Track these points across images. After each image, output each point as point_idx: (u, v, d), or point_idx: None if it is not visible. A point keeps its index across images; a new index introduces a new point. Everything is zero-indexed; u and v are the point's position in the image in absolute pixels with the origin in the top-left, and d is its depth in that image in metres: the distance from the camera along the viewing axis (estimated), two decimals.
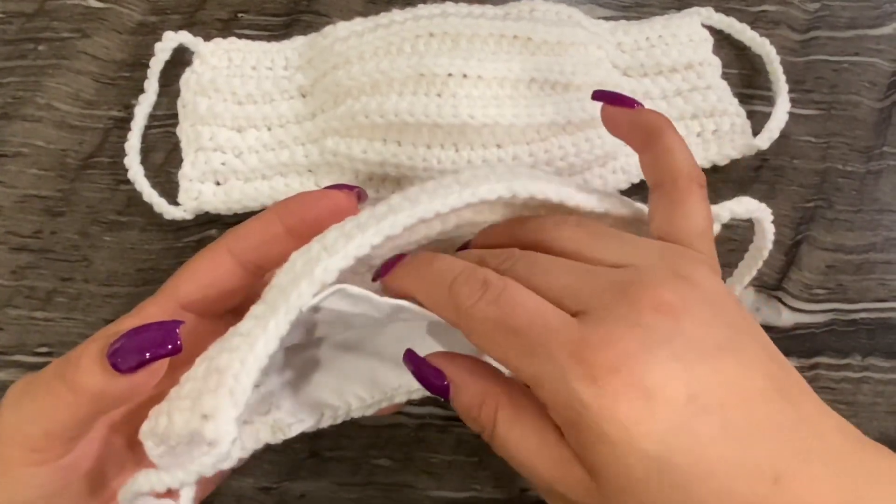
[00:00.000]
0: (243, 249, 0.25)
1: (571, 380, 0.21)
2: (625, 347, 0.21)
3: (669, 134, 0.26)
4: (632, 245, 0.24)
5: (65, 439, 0.22)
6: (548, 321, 0.22)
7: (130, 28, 0.41)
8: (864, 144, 0.39)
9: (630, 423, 0.20)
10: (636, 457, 0.20)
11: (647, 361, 0.21)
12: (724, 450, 0.20)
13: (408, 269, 0.25)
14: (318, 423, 0.29)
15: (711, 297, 0.22)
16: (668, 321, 0.21)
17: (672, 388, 0.20)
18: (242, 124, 0.37)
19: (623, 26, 0.40)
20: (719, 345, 0.21)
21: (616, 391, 0.20)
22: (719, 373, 0.21)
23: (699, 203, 0.26)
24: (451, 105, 0.33)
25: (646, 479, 0.20)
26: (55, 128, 0.39)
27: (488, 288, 0.23)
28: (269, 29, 0.41)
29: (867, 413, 0.35)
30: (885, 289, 0.37)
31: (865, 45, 0.41)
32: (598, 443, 0.21)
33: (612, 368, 0.20)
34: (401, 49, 0.35)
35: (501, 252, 0.25)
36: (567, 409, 0.21)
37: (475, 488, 0.33)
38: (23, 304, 0.36)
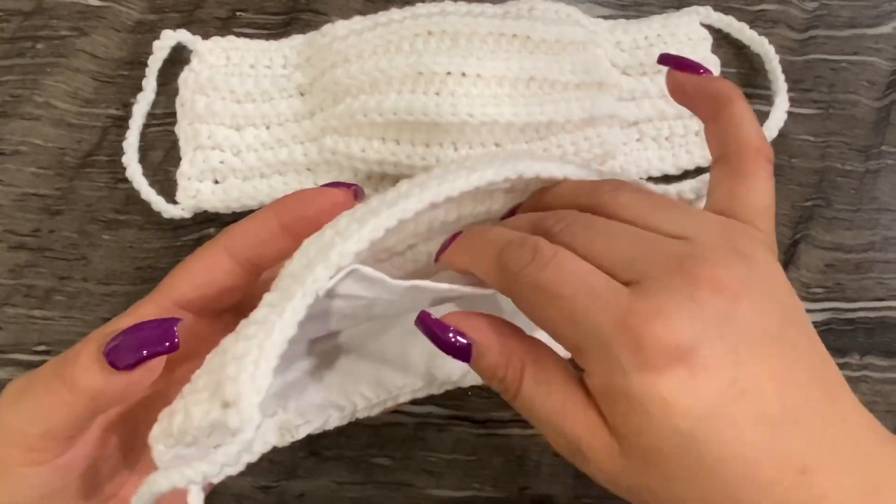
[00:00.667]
0: (240, 248, 0.25)
1: (615, 348, 0.20)
2: (675, 322, 0.20)
3: (739, 103, 0.25)
4: (691, 217, 0.23)
5: (63, 438, 0.22)
6: (594, 288, 0.21)
7: (129, 26, 0.41)
8: (862, 143, 0.39)
9: (670, 398, 0.20)
10: (670, 432, 0.20)
11: (697, 339, 0.20)
12: (756, 436, 0.20)
13: (464, 243, 0.25)
14: (325, 424, 0.29)
15: (768, 282, 0.22)
16: (723, 302, 0.21)
17: (717, 369, 0.20)
18: (241, 123, 0.37)
19: (622, 25, 0.39)
20: (769, 333, 0.21)
21: (661, 365, 0.20)
22: (764, 361, 0.21)
23: (766, 179, 0.25)
24: (450, 103, 0.33)
25: (675, 455, 0.20)
26: (53, 126, 0.39)
27: (538, 253, 0.22)
28: (268, 27, 0.41)
29: None
30: (883, 288, 0.37)
31: (864, 44, 0.41)
32: (633, 413, 0.20)
33: (659, 341, 0.20)
34: (400, 47, 0.35)
35: (558, 212, 0.24)
36: (607, 378, 0.21)
37: (474, 487, 0.33)
38: (21, 302, 0.36)
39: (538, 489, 0.33)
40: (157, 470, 0.21)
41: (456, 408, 0.34)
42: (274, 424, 0.27)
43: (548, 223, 0.24)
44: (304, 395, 0.29)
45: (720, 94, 0.26)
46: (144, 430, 0.22)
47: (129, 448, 0.26)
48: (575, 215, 0.24)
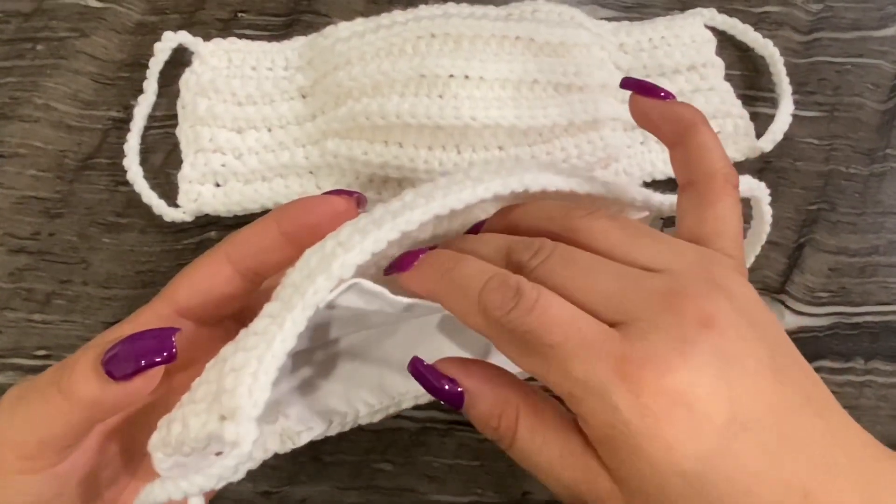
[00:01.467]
0: (242, 256, 0.25)
1: (613, 396, 0.20)
2: (670, 364, 0.20)
3: (704, 129, 0.25)
4: (666, 246, 0.23)
5: (59, 447, 0.22)
6: (586, 335, 0.21)
7: (129, 28, 0.41)
8: (867, 147, 0.39)
9: (673, 443, 0.20)
10: (675, 475, 0.20)
11: (693, 381, 0.20)
12: (760, 467, 0.20)
13: (431, 270, 0.24)
14: (327, 430, 0.29)
15: (748, 310, 0.22)
16: (713, 336, 0.21)
17: (716, 407, 0.20)
18: (242, 125, 0.37)
19: (625, 27, 0.39)
20: (759, 361, 0.21)
21: (661, 410, 0.20)
22: (759, 392, 0.21)
23: (733, 205, 0.24)
24: (453, 106, 0.33)
25: (680, 496, 0.20)
26: (53, 128, 0.39)
27: (521, 297, 0.21)
28: (270, 29, 0.41)
29: (870, 417, 0.34)
30: (888, 292, 0.37)
31: (869, 46, 0.41)
32: (635, 459, 0.20)
33: (657, 386, 0.20)
34: (402, 50, 0.34)
35: (532, 241, 0.23)
36: (605, 426, 0.21)
37: (476, 492, 0.33)
38: (21, 306, 0.35)
39: (540, 495, 0.33)
40: (155, 480, 0.21)
41: (458, 413, 0.34)
42: (274, 431, 0.27)
43: (522, 256, 0.23)
44: (306, 402, 0.28)
45: (684, 120, 0.25)
46: (145, 437, 0.22)
47: (129, 454, 0.26)
48: (550, 248, 0.23)
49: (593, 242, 0.23)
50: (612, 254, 0.23)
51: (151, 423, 0.22)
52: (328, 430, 0.29)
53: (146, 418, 0.24)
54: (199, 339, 0.25)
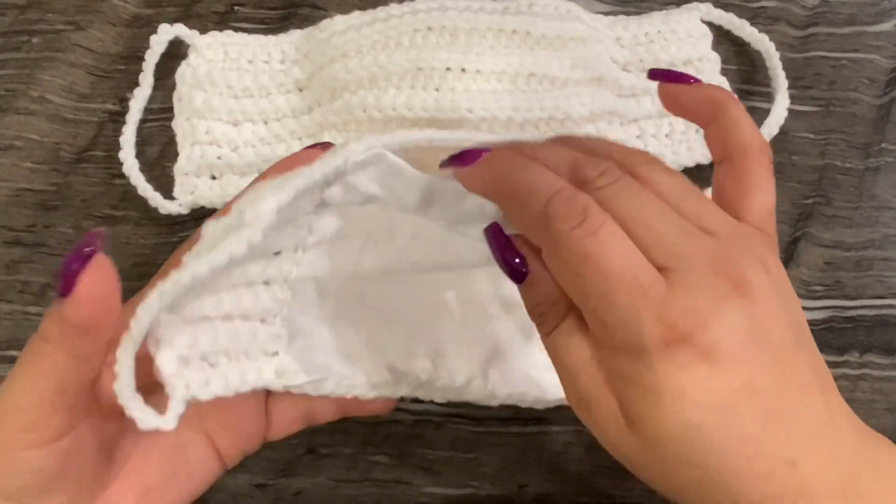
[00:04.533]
0: None
1: (645, 335, 0.21)
2: (706, 321, 0.21)
3: (735, 106, 0.26)
4: (716, 214, 0.24)
5: (57, 407, 0.22)
6: (637, 275, 0.21)
7: (125, 20, 0.41)
8: (862, 141, 0.39)
9: (686, 390, 0.21)
10: (678, 418, 0.21)
11: (721, 340, 0.21)
12: (757, 431, 0.21)
13: (497, 168, 0.24)
14: (320, 388, 0.28)
15: (781, 289, 0.23)
16: (749, 306, 0.21)
17: (735, 369, 0.21)
18: (239, 118, 0.36)
19: (622, 21, 0.39)
20: (785, 340, 0.22)
21: (685, 359, 0.21)
22: (777, 365, 0.22)
23: (769, 178, 0.25)
24: (450, 99, 0.33)
25: (678, 442, 0.21)
26: (49, 121, 0.38)
27: (588, 217, 0.22)
28: (266, 22, 0.41)
29: (865, 410, 0.35)
30: (883, 286, 0.37)
31: (864, 41, 0.41)
32: (647, 395, 0.21)
33: (687, 337, 0.21)
34: (399, 43, 0.34)
35: (601, 162, 0.23)
36: (629, 360, 0.22)
37: (473, 485, 0.33)
38: (16, 298, 0.35)
39: (537, 487, 0.33)
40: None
41: (454, 405, 0.34)
42: (272, 364, 0.27)
43: (589, 173, 0.23)
44: (308, 349, 0.28)
45: (716, 99, 0.26)
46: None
47: (132, 436, 0.26)
48: (619, 174, 0.23)
49: (657, 191, 0.23)
50: (671, 205, 0.23)
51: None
52: (321, 389, 0.28)
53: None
54: None
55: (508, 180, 0.24)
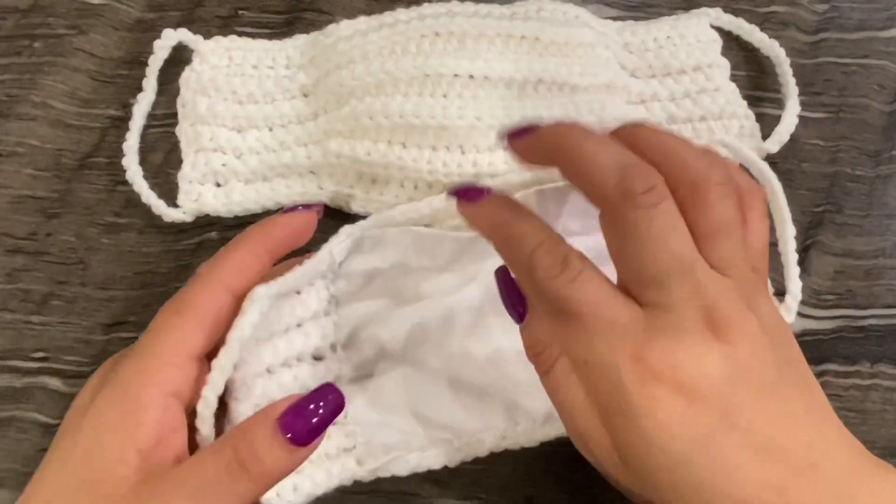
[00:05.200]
0: (239, 283, 0.27)
1: (623, 373, 0.23)
2: (680, 359, 0.23)
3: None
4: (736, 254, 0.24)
5: None
6: (614, 315, 0.23)
7: (128, 25, 0.40)
8: (873, 148, 0.39)
9: (665, 424, 0.22)
10: (663, 452, 0.22)
11: (696, 380, 0.22)
12: (741, 461, 0.22)
13: (491, 215, 0.26)
14: (402, 464, 0.31)
15: (771, 332, 0.24)
16: (726, 347, 0.23)
17: (712, 405, 0.22)
18: (243, 124, 0.36)
19: (630, 27, 0.39)
20: (766, 380, 0.23)
21: (661, 396, 0.22)
22: (758, 403, 0.23)
23: (761, 219, 0.26)
24: (458, 106, 0.33)
25: (666, 472, 0.23)
26: (51, 127, 0.38)
27: (567, 267, 0.24)
28: (271, 27, 0.40)
29: (876, 421, 0.34)
30: (894, 295, 0.36)
31: (875, 47, 0.41)
32: (632, 429, 0.23)
33: (662, 374, 0.22)
34: (406, 49, 0.34)
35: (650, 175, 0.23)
36: (611, 396, 0.23)
37: (480, 496, 0.33)
38: (18, 307, 0.35)
39: (545, 498, 0.33)
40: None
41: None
42: (352, 455, 0.31)
43: (637, 186, 0.23)
44: (379, 425, 0.31)
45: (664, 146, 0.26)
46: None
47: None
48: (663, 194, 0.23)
49: (703, 210, 0.24)
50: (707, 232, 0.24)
51: None
52: (403, 464, 0.31)
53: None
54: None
55: (500, 229, 0.26)
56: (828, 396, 0.34)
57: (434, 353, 0.32)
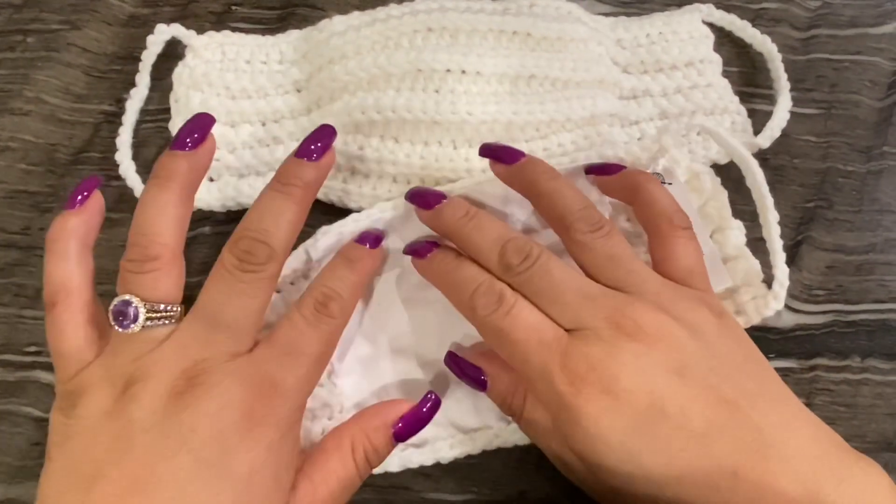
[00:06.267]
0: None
1: (556, 382, 0.26)
2: (599, 361, 0.26)
3: (649, 186, 0.30)
4: (638, 275, 0.28)
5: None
6: (543, 336, 0.27)
7: (122, 20, 0.40)
8: (864, 144, 0.39)
9: (598, 418, 0.25)
10: (605, 446, 0.25)
11: (616, 375, 0.25)
12: (683, 449, 0.24)
13: (437, 267, 0.30)
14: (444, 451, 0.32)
15: (694, 328, 0.27)
16: (641, 346, 0.26)
17: (636, 396, 0.25)
18: (236, 119, 0.36)
19: (623, 22, 0.39)
20: (686, 366, 0.26)
21: (589, 394, 0.25)
22: (684, 387, 0.25)
23: (685, 243, 0.29)
24: (450, 101, 0.33)
25: (616, 466, 0.25)
26: (44, 122, 0.38)
27: (501, 303, 0.27)
28: (264, 22, 0.40)
29: (866, 415, 0.34)
30: (884, 290, 0.36)
31: (867, 43, 0.41)
32: (576, 431, 0.26)
33: (586, 376, 0.26)
34: (398, 44, 0.34)
35: (523, 247, 0.28)
36: (552, 405, 0.27)
37: (473, 490, 0.33)
38: (11, 301, 0.35)
39: (538, 493, 0.33)
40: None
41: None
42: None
43: (512, 259, 0.28)
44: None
45: (634, 183, 0.31)
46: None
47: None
48: (537, 254, 0.28)
49: (583, 256, 0.29)
50: (594, 271, 0.28)
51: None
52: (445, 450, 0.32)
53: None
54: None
55: (446, 277, 0.30)
56: (819, 391, 0.35)
57: (428, 350, 0.33)
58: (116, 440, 0.24)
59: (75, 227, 0.27)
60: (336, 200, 0.35)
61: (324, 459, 0.28)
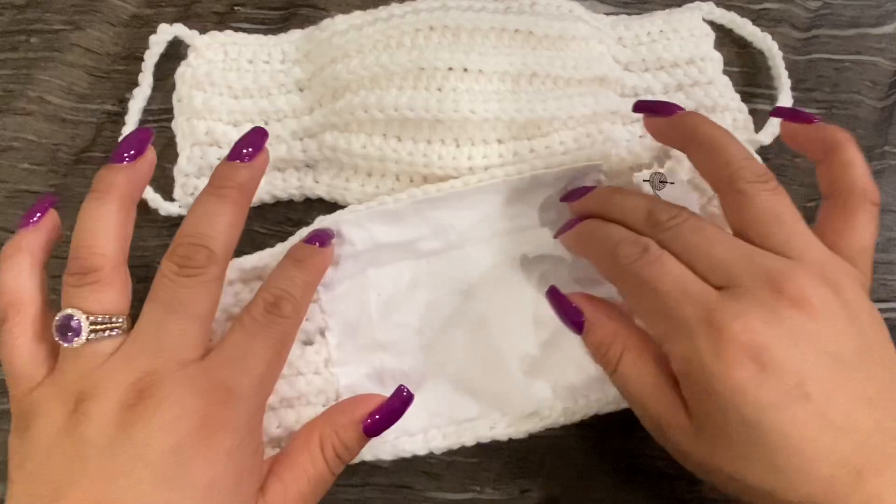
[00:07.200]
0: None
1: (697, 339, 0.24)
2: (753, 324, 0.23)
3: (850, 149, 0.28)
4: (803, 240, 0.26)
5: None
6: (687, 287, 0.25)
7: (124, 20, 0.40)
8: (865, 144, 0.39)
9: (738, 388, 0.23)
10: (736, 418, 0.23)
11: (769, 341, 0.23)
12: (817, 436, 0.23)
13: (583, 233, 0.30)
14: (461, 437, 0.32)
15: (853, 313, 0.25)
16: (802, 317, 0.24)
17: (785, 372, 0.23)
18: (239, 119, 0.36)
19: (624, 21, 0.39)
20: (844, 352, 0.24)
21: (734, 359, 0.23)
22: (835, 374, 0.23)
23: (869, 220, 0.27)
24: (452, 100, 0.33)
25: (740, 438, 0.23)
26: (47, 121, 0.38)
27: (647, 252, 0.26)
28: (266, 22, 0.41)
29: None
30: (886, 289, 0.36)
31: (867, 43, 0.41)
32: (707, 397, 0.24)
33: (736, 337, 0.23)
34: (400, 43, 0.34)
35: (673, 208, 0.28)
36: (687, 364, 0.25)
37: (475, 489, 0.33)
38: None
39: (539, 491, 0.33)
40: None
41: None
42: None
43: (662, 215, 0.27)
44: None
45: (834, 140, 0.29)
46: None
47: None
48: (687, 215, 0.27)
49: (744, 212, 0.27)
50: (751, 229, 0.26)
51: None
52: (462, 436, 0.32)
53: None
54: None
55: (591, 237, 0.29)
56: None
57: (425, 339, 0.33)
58: (71, 461, 0.23)
59: (28, 244, 0.28)
60: (339, 199, 0.35)
61: (293, 459, 0.28)
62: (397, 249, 0.33)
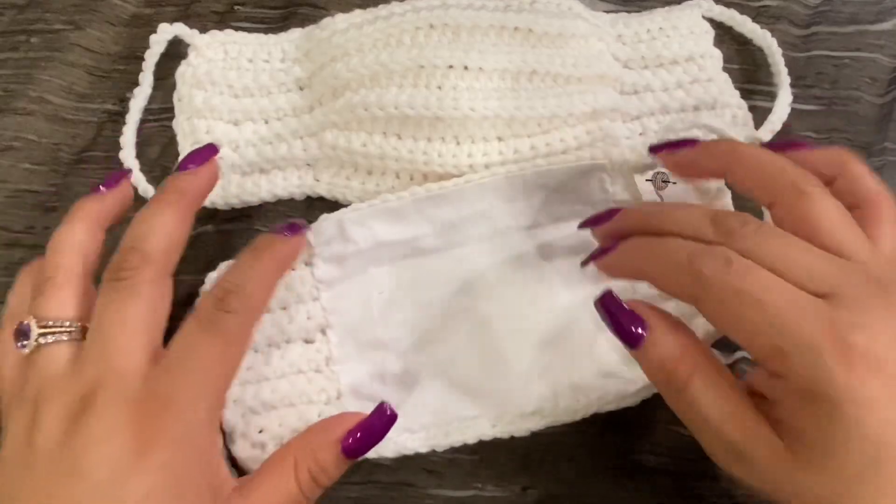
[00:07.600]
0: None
1: (824, 354, 0.22)
2: (879, 335, 0.22)
3: (855, 162, 0.28)
4: (866, 247, 0.25)
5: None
6: (796, 297, 0.23)
7: (125, 20, 0.41)
8: (864, 140, 0.39)
9: (871, 405, 0.21)
10: (860, 436, 0.21)
11: (886, 352, 0.21)
12: None
13: (635, 247, 0.27)
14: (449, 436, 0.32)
15: None
16: None
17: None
18: (239, 118, 0.36)
19: (623, 18, 0.39)
20: None
21: (866, 373, 0.21)
22: None
23: (894, 223, 0.26)
24: (452, 97, 0.33)
25: (857, 458, 0.21)
26: (48, 121, 0.38)
27: (734, 262, 0.23)
28: (266, 21, 0.41)
29: None
30: None
31: (866, 40, 0.41)
32: (826, 415, 0.22)
33: (864, 350, 0.21)
34: (400, 41, 0.34)
35: (740, 213, 0.25)
36: (810, 381, 0.22)
37: (476, 486, 0.33)
38: None
39: (541, 489, 0.33)
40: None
41: None
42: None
43: (733, 223, 0.25)
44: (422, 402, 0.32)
45: (838, 159, 0.28)
46: None
47: None
48: (758, 221, 0.25)
49: (812, 213, 0.25)
50: (818, 232, 0.24)
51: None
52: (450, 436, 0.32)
53: None
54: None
55: (649, 256, 0.26)
56: None
57: (427, 338, 0.33)
58: (24, 469, 0.23)
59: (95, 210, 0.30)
60: (339, 197, 0.36)
61: (263, 479, 0.27)
62: (399, 247, 0.33)
